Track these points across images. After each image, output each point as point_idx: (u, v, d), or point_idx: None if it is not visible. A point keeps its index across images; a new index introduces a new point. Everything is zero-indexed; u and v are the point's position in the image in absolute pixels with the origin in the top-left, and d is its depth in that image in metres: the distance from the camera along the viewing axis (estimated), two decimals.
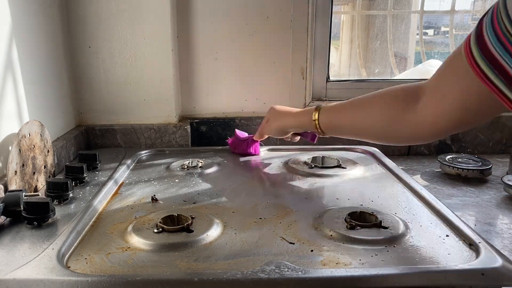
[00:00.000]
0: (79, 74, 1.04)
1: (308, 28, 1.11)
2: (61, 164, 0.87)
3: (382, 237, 0.58)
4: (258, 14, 1.10)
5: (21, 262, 0.50)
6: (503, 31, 0.47)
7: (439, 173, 1.01)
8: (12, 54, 0.75)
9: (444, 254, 0.55)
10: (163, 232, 0.59)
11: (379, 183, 0.82)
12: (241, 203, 0.73)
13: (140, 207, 0.70)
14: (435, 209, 0.68)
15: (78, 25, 1.01)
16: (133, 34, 1.03)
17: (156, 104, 1.07)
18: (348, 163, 0.92)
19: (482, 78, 0.51)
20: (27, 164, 0.71)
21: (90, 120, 1.08)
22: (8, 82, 0.73)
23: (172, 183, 0.82)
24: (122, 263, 0.52)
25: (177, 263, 0.53)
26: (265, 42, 1.12)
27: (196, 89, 1.14)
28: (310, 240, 0.58)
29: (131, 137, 1.07)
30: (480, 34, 0.51)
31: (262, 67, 1.13)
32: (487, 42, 0.49)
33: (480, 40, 0.50)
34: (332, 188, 0.80)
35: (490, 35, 0.49)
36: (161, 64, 1.05)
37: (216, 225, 0.62)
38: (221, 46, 1.11)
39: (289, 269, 0.50)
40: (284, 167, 0.92)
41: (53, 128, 0.90)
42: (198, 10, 1.09)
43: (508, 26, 0.46)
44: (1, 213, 0.60)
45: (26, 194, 0.63)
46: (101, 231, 0.61)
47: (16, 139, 0.68)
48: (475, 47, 0.51)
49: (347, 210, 0.65)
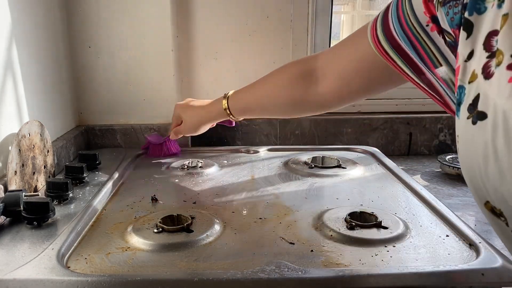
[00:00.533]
0: (79, 74, 1.04)
1: (308, 28, 1.11)
2: (61, 164, 0.87)
3: (382, 237, 0.58)
4: (258, 14, 1.10)
5: (21, 262, 0.50)
6: (407, 21, 0.49)
7: (439, 173, 1.00)
8: (12, 54, 0.75)
9: (444, 254, 0.55)
10: (163, 232, 0.59)
11: (379, 183, 0.82)
12: (241, 203, 0.73)
13: (140, 207, 0.70)
14: (435, 209, 0.68)
15: (78, 25, 1.01)
16: (133, 34, 1.03)
17: (156, 104, 1.07)
18: (348, 163, 0.92)
19: (388, 60, 0.54)
20: (27, 164, 0.71)
21: (90, 120, 1.08)
22: (8, 82, 0.73)
23: (172, 183, 0.82)
24: (122, 263, 0.52)
25: (177, 263, 0.53)
26: (265, 42, 1.12)
27: (196, 89, 1.14)
28: (310, 240, 0.58)
29: (131, 137, 1.07)
30: (385, 19, 0.53)
31: (262, 67, 1.13)
32: (391, 28, 0.52)
33: (386, 25, 0.53)
34: (332, 188, 0.80)
35: (395, 22, 0.51)
36: (161, 64, 1.05)
37: (216, 225, 0.62)
38: (221, 46, 1.11)
39: (289, 269, 0.50)
40: (284, 167, 0.92)
41: (53, 128, 0.90)
42: (198, 10, 1.09)
43: (413, 19, 0.48)
44: (1, 213, 0.59)
45: (26, 194, 0.63)
46: (101, 231, 0.61)
47: (16, 139, 0.68)
48: (381, 34, 0.54)
49: (347, 210, 0.65)
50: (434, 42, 0.47)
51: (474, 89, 0.37)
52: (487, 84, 0.35)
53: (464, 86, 0.38)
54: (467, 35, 0.38)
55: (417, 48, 0.49)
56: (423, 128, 1.15)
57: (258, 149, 1.03)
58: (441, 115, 1.15)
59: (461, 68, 0.39)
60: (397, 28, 0.51)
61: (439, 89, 0.50)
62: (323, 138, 1.13)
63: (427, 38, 0.47)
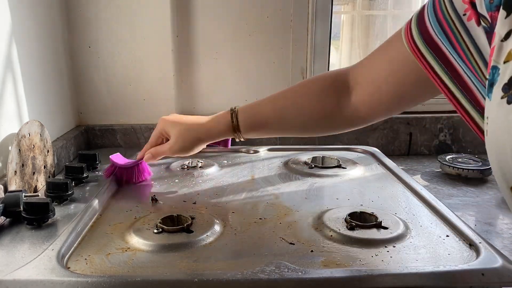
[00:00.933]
0: (79, 74, 1.04)
1: (308, 28, 1.11)
2: (61, 164, 0.87)
3: (382, 237, 0.58)
4: (258, 14, 1.10)
5: (21, 263, 0.50)
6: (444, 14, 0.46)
7: (439, 173, 1.00)
8: (12, 54, 0.75)
9: (444, 254, 0.55)
10: (163, 232, 0.59)
11: (379, 183, 0.82)
12: (241, 203, 0.73)
13: (140, 208, 0.70)
14: (435, 209, 0.68)
15: (78, 25, 1.01)
16: (133, 34, 1.03)
17: (156, 104, 1.07)
18: (348, 163, 0.92)
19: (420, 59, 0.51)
20: (27, 164, 0.71)
21: (90, 120, 1.08)
22: (8, 82, 0.73)
23: (172, 183, 0.82)
24: (122, 264, 0.52)
25: (177, 263, 0.53)
26: (265, 42, 1.12)
27: (196, 89, 1.14)
28: (310, 240, 0.58)
29: (131, 137, 1.07)
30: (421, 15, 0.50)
31: (262, 67, 1.13)
32: (427, 23, 0.49)
33: (421, 22, 0.50)
34: (332, 188, 0.80)
35: (431, 16, 0.48)
36: (161, 64, 1.05)
37: (216, 225, 0.62)
38: (221, 46, 1.11)
39: (289, 269, 0.50)
40: (284, 167, 0.92)
41: (53, 128, 0.90)
42: (198, 10, 1.09)
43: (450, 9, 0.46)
44: (1, 214, 0.59)
45: (26, 194, 0.63)
46: (101, 232, 0.61)
47: (16, 139, 0.68)
48: (415, 29, 0.51)
49: (347, 210, 0.65)
50: (471, 35, 0.45)
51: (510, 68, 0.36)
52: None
53: (498, 67, 0.37)
54: (506, 14, 0.37)
55: (452, 43, 0.46)
56: (423, 128, 1.15)
57: (258, 149, 1.03)
58: (441, 115, 1.15)
59: (497, 48, 0.38)
60: (433, 23, 0.48)
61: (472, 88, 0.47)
62: (323, 138, 1.13)
63: (463, 31, 0.45)
